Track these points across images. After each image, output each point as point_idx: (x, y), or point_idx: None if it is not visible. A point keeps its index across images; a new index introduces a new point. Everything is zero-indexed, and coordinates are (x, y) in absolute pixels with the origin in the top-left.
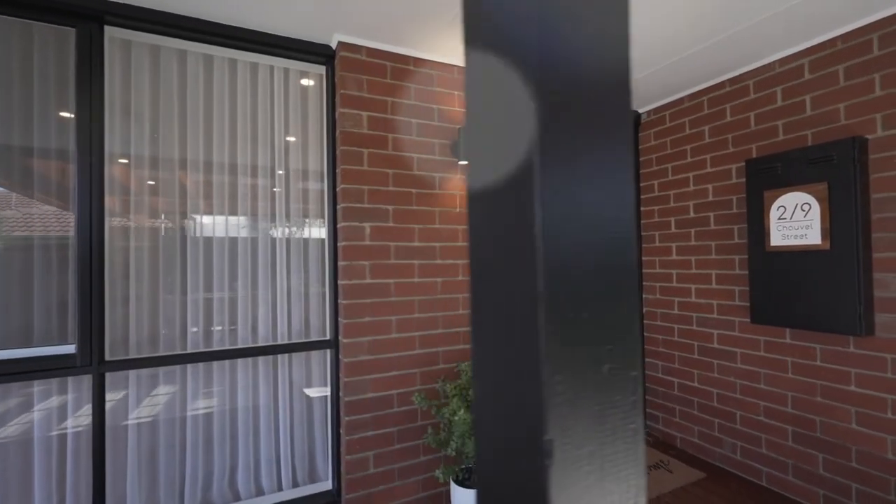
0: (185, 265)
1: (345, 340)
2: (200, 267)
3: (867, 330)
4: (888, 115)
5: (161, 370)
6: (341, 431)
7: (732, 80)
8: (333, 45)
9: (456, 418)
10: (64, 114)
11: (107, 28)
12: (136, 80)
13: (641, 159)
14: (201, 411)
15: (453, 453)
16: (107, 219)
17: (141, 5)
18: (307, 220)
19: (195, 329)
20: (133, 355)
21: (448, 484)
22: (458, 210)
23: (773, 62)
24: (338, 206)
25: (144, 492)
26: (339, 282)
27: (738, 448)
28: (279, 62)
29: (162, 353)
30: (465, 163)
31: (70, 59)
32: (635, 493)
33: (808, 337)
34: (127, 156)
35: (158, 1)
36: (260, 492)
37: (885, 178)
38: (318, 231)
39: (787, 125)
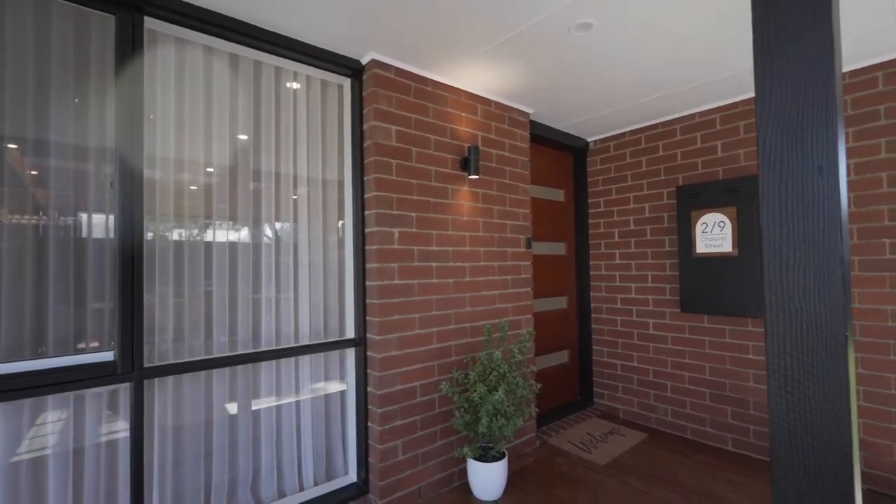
0: (210, 270)
1: (377, 337)
2: (226, 271)
3: (760, 313)
4: None
5: (185, 376)
6: (370, 424)
7: (664, 124)
8: (363, 61)
9: (496, 397)
10: (101, 108)
11: (146, 19)
12: (163, 75)
13: (589, 180)
14: (227, 415)
15: (485, 431)
16: (146, 222)
17: None
18: (329, 227)
19: (223, 333)
20: (163, 361)
21: (461, 463)
22: (465, 218)
23: (695, 114)
24: (366, 212)
25: (176, 499)
26: (368, 283)
27: (669, 412)
28: (302, 68)
29: (197, 357)
30: (476, 177)
31: (87, 48)
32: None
33: (721, 321)
34: (152, 156)
35: None
36: (283, 493)
37: None
38: (335, 237)
39: (704, 162)
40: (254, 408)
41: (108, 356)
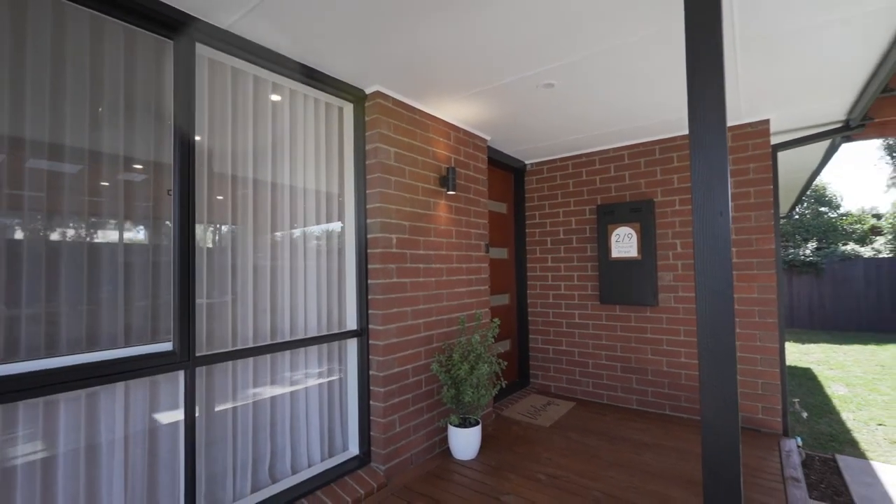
0: (236, 272)
1: (380, 327)
2: (249, 273)
3: (656, 303)
4: (663, 189)
5: (216, 366)
6: (373, 402)
7: (587, 155)
8: (367, 91)
9: (483, 370)
10: (160, 126)
11: (198, 45)
12: (199, 93)
13: (526, 196)
14: (249, 401)
15: (470, 400)
16: (198, 227)
17: (228, 29)
18: (331, 234)
19: (247, 328)
20: (208, 351)
21: (442, 433)
22: (442, 227)
23: (609, 149)
24: (369, 221)
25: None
26: (370, 281)
27: (591, 383)
28: (312, 92)
29: (229, 348)
30: (453, 193)
31: (141, 70)
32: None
33: (628, 309)
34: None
35: (241, 28)
36: (295, 470)
37: (662, 223)
38: (336, 243)
39: (616, 187)
40: (270, 394)
41: (167, 346)
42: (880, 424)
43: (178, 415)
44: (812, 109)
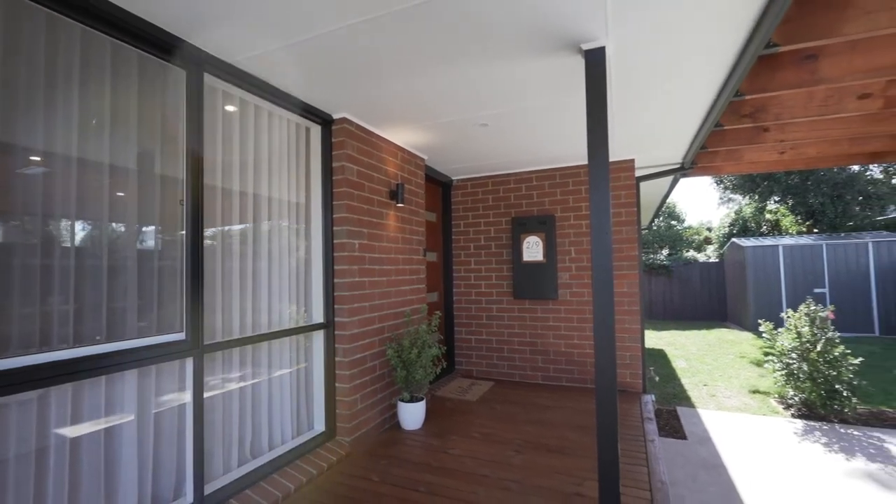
0: (224, 273)
1: (346, 320)
2: (236, 273)
3: (556, 296)
4: (561, 207)
5: (206, 355)
6: (338, 384)
7: (503, 175)
8: (335, 116)
9: (434, 352)
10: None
11: (206, 75)
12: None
13: (453, 207)
14: (234, 386)
15: (420, 378)
16: (204, 233)
17: (234, 64)
18: (299, 240)
19: (232, 321)
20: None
21: (392, 409)
22: (392, 234)
23: (522, 172)
24: (336, 228)
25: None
26: (336, 280)
27: (506, 366)
28: (285, 114)
29: (225, 338)
30: (401, 205)
31: (153, 96)
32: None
33: (536, 302)
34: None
35: (245, 64)
36: (272, 447)
37: (561, 233)
38: (303, 248)
39: (527, 203)
40: (251, 381)
41: (180, 336)
42: (705, 385)
43: (187, 396)
44: (660, 155)
